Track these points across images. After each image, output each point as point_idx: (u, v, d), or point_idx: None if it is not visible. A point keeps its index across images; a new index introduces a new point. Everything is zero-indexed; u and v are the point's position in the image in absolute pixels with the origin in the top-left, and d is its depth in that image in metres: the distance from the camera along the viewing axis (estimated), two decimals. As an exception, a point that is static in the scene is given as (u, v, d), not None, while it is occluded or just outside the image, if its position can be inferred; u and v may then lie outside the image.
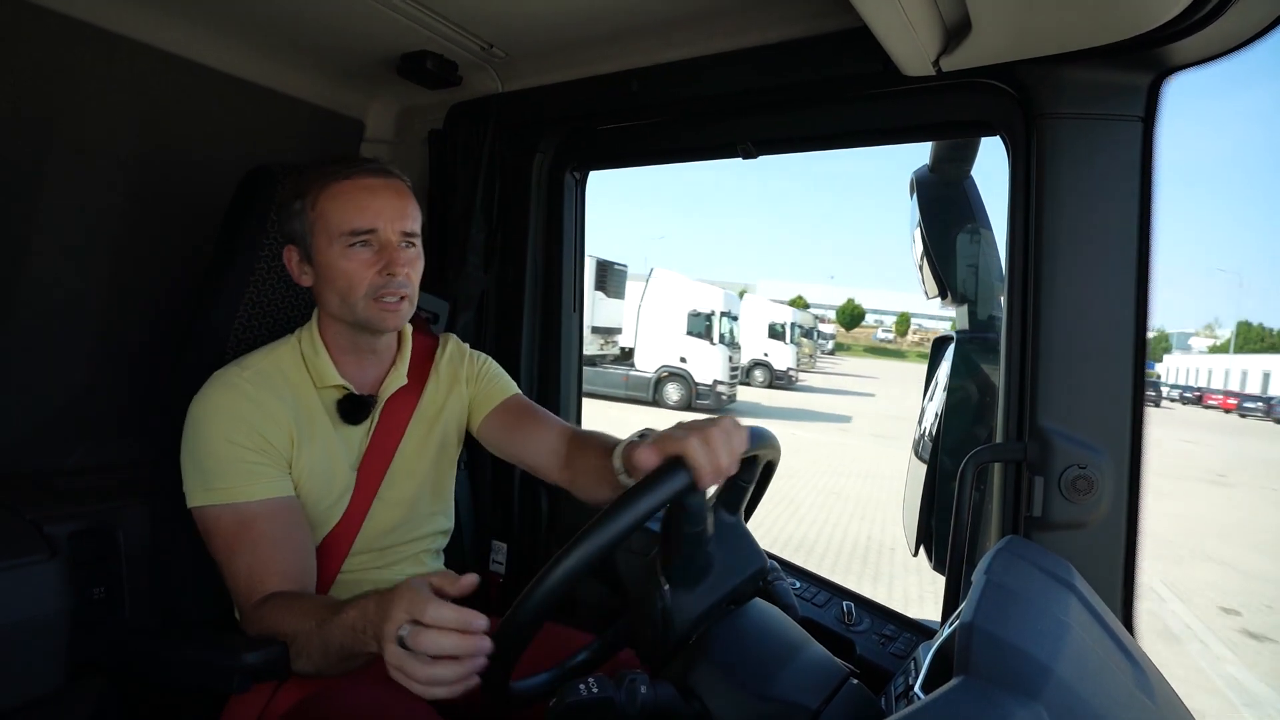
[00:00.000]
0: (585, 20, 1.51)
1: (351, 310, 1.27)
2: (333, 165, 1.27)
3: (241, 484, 1.21)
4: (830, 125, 1.56)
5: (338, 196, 1.24)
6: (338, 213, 1.23)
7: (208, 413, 1.23)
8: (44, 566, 1.22)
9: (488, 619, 0.89)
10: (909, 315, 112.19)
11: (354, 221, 1.23)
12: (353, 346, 1.35)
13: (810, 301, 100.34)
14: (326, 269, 1.26)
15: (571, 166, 1.98)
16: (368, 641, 0.98)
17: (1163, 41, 1.05)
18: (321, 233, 1.25)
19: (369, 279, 1.24)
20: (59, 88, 1.54)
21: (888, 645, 1.43)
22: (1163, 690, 0.85)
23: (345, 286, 1.25)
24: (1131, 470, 1.18)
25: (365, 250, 1.24)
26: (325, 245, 1.25)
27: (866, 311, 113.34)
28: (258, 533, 1.20)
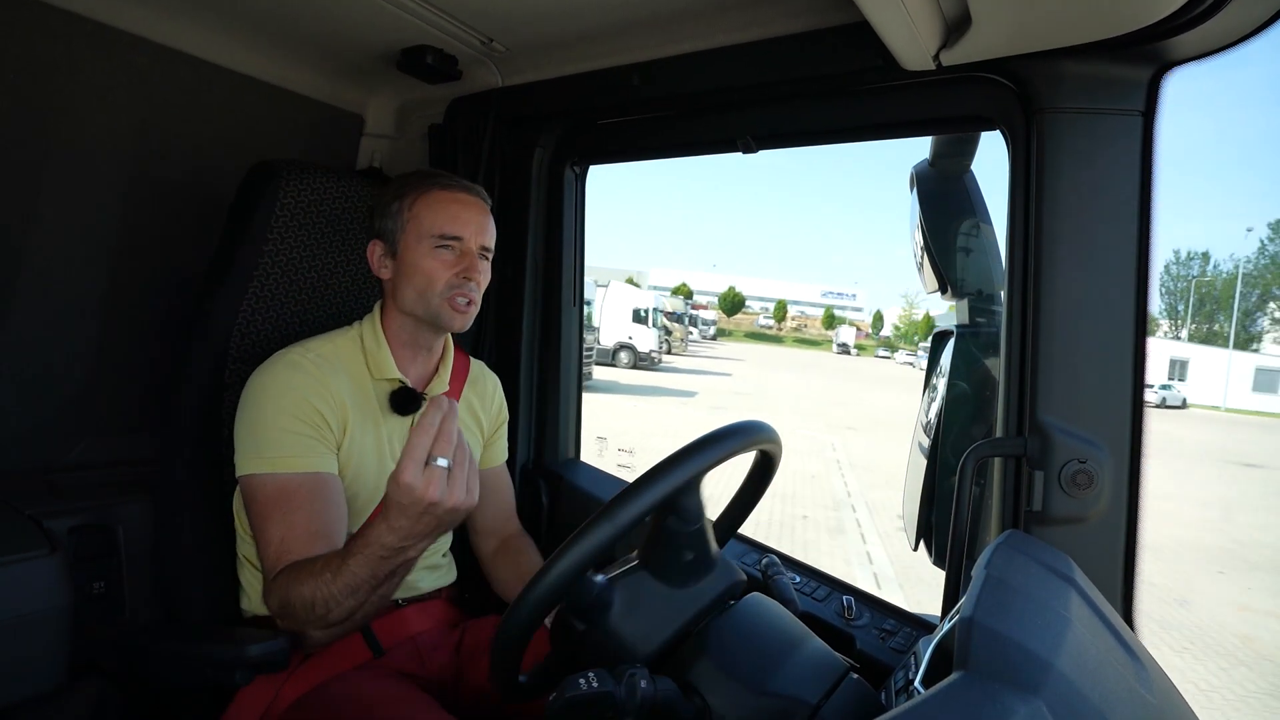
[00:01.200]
0: (586, 14, 1.50)
1: (425, 304, 1.38)
2: (433, 176, 1.43)
3: (290, 455, 1.27)
4: (830, 120, 1.56)
5: (434, 203, 1.39)
6: (431, 216, 1.38)
7: (268, 386, 1.29)
8: (44, 562, 1.22)
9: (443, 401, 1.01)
10: (785, 302, 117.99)
11: (444, 226, 1.37)
12: (413, 341, 1.45)
13: (695, 289, 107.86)
14: (410, 265, 1.38)
15: (572, 161, 1.98)
16: (395, 547, 1.07)
17: (1163, 36, 1.05)
18: (413, 232, 1.38)
19: (447, 278, 1.37)
20: (59, 83, 1.54)
21: (888, 640, 1.43)
22: (1162, 685, 0.85)
23: (424, 282, 1.37)
24: (1132, 465, 1.18)
25: (448, 254, 1.38)
26: (414, 243, 1.38)
27: (747, 298, 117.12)
28: (296, 503, 1.25)
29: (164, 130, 1.74)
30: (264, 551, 1.24)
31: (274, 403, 1.28)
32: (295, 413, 1.28)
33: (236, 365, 1.45)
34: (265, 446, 1.26)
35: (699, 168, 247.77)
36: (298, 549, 1.21)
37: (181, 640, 1.28)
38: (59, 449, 1.68)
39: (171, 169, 1.78)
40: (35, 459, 1.63)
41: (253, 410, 1.29)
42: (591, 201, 2.13)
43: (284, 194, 1.51)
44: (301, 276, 1.56)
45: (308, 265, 1.57)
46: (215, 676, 1.18)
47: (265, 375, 1.31)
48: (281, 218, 1.51)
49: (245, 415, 1.29)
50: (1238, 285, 66.11)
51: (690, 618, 1.00)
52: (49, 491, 1.52)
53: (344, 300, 1.65)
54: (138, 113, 1.68)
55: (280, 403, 1.28)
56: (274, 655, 1.20)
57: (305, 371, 1.31)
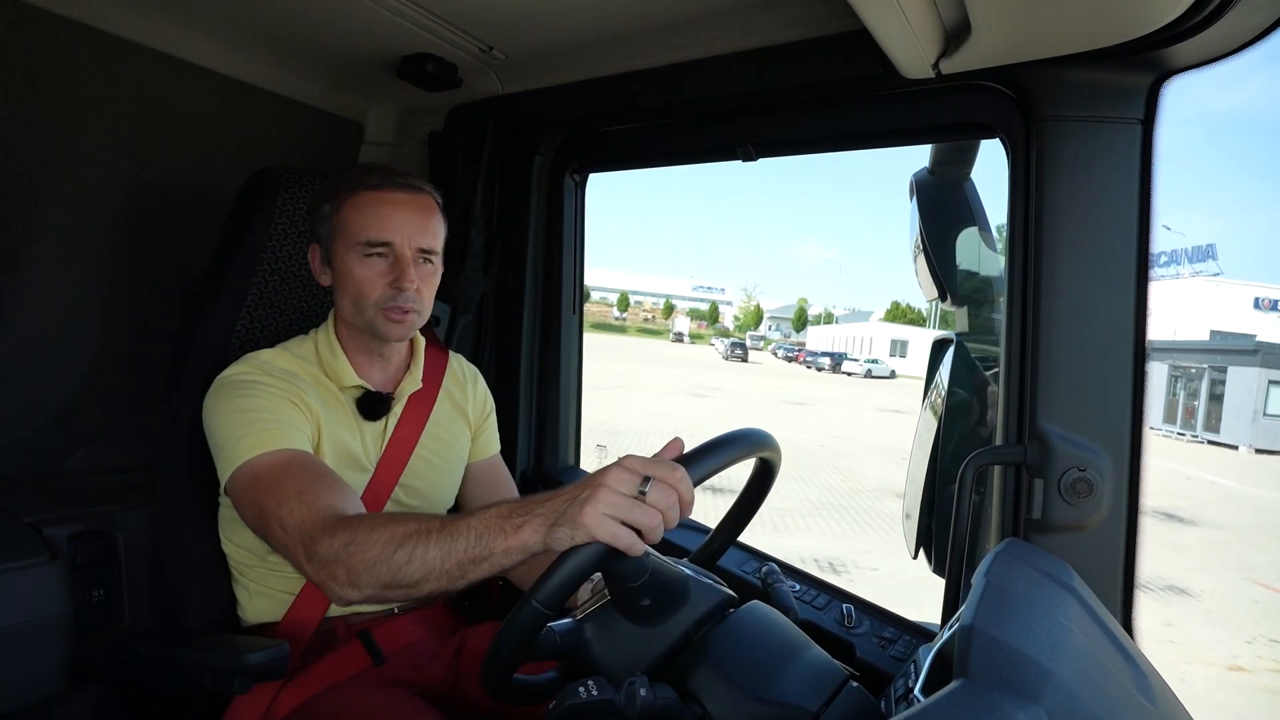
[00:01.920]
0: (585, 22, 1.51)
1: (361, 316, 1.30)
2: (364, 174, 1.30)
3: (277, 435, 1.18)
4: (830, 128, 1.56)
5: (361, 206, 1.27)
6: (358, 222, 1.27)
7: (235, 383, 1.24)
8: (44, 569, 1.22)
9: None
10: (627, 294, 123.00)
11: (371, 232, 1.26)
12: (366, 348, 1.38)
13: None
14: (343, 274, 1.29)
15: (571, 169, 1.98)
16: (525, 529, 0.92)
17: (1162, 44, 1.05)
18: (341, 238, 1.28)
19: (380, 289, 1.27)
20: (60, 90, 1.54)
21: (887, 648, 1.43)
22: (1162, 693, 0.85)
23: (357, 293, 1.28)
24: (1131, 473, 1.18)
25: (380, 261, 1.28)
26: (344, 251, 1.28)
27: (592, 290, 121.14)
28: (298, 467, 1.16)
29: (164, 137, 1.74)
30: (286, 518, 1.09)
31: (243, 396, 1.21)
32: (268, 401, 1.22)
33: None
34: (245, 433, 1.17)
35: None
36: (322, 499, 1.10)
37: (181, 647, 1.28)
38: (58, 456, 1.67)
39: (172, 176, 1.78)
40: (35, 466, 1.63)
41: (221, 408, 1.21)
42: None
43: (283, 201, 1.51)
44: (300, 284, 1.56)
45: (306, 272, 1.57)
46: (214, 684, 1.18)
47: (228, 377, 1.25)
48: (280, 225, 1.51)
49: (216, 416, 1.21)
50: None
51: (673, 642, 0.99)
52: (48, 498, 1.52)
53: None
54: (138, 120, 1.68)
55: (250, 395, 1.21)
56: (273, 663, 1.19)
57: (269, 370, 1.27)
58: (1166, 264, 39.64)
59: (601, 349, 50.93)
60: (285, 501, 1.09)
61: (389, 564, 0.97)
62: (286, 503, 1.09)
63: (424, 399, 1.47)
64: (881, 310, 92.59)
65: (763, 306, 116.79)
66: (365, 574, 0.99)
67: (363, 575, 0.99)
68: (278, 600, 1.34)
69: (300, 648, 1.30)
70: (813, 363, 56.39)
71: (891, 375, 51.64)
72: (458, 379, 1.59)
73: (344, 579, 1.00)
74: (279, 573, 1.33)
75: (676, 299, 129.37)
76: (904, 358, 59.74)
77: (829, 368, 53.43)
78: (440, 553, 0.95)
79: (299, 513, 1.08)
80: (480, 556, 0.94)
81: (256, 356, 1.30)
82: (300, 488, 1.11)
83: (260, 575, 1.34)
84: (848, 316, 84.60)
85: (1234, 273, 35.93)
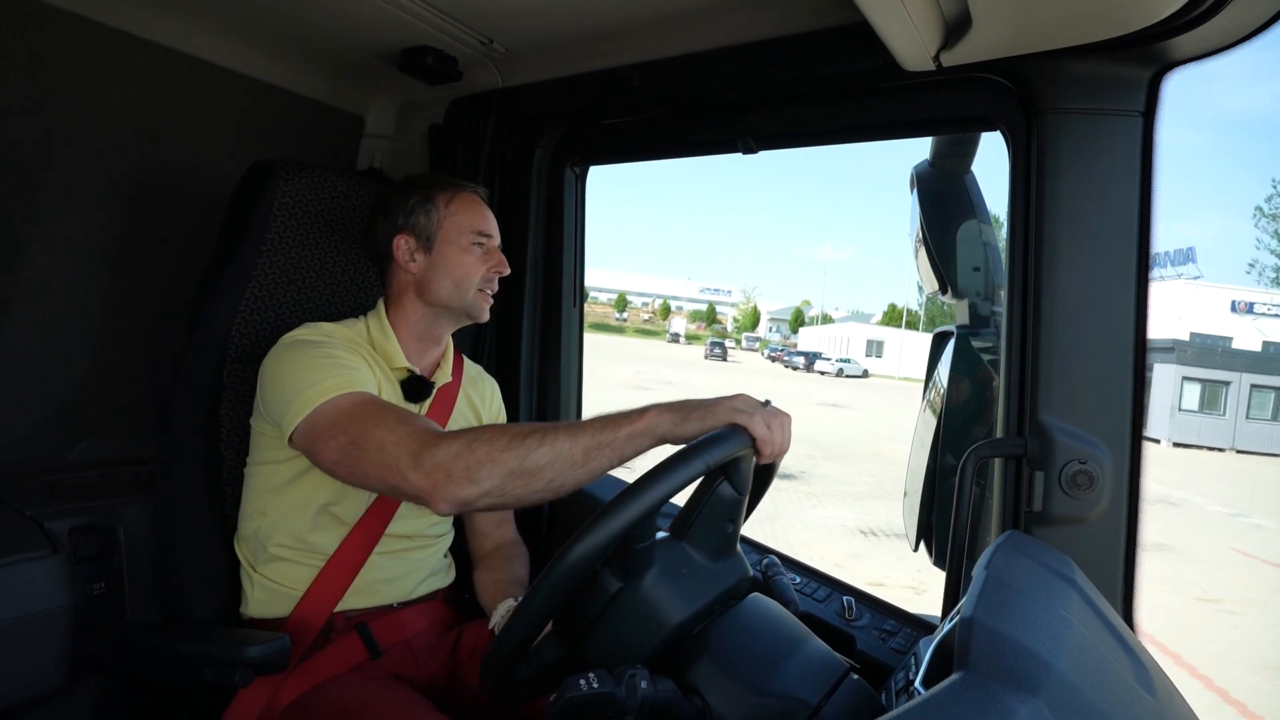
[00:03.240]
0: (586, 15, 1.50)
1: (462, 296, 1.46)
2: (456, 179, 1.54)
3: (361, 379, 1.27)
4: (830, 120, 1.56)
5: (469, 203, 1.48)
6: (468, 216, 1.47)
7: (306, 342, 1.32)
8: (45, 562, 1.22)
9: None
10: (625, 295, 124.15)
11: (480, 225, 1.48)
12: (426, 333, 1.51)
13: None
14: (449, 259, 1.45)
15: (572, 162, 1.98)
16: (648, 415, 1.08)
17: (1163, 36, 1.05)
18: (452, 228, 1.46)
19: (482, 273, 1.47)
20: (59, 83, 1.54)
21: (888, 640, 1.43)
22: (1163, 685, 0.85)
23: (462, 275, 1.45)
24: (1132, 465, 1.18)
25: (480, 250, 1.48)
26: (454, 238, 1.45)
27: (593, 291, 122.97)
28: (384, 404, 1.24)
29: (164, 131, 1.74)
30: (390, 438, 1.13)
31: (310, 352, 1.27)
32: (336, 355, 1.29)
33: (235, 365, 1.45)
34: (318, 378, 1.23)
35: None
36: (420, 422, 1.17)
37: (182, 640, 1.28)
38: (59, 449, 1.67)
39: (172, 169, 1.78)
40: (36, 459, 1.62)
41: (286, 364, 1.27)
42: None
43: (283, 193, 1.51)
44: (300, 276, 1.56)
45: (306, 265, 1.57)
46: (215, 677, 1.18)
47: (291, 340, 1.32)
48: (280, 217, 1.51)
49: (278, 372, 1.27)
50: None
51: (712, 599, 1.00)
52: (49, 492, 1.52)
53: (343, 299, 1.65)
54: (138, 113, 1.68)
55: (317, 351, 1.28)
56: (273, 656, 1.20)
57: (331, 335, 1.35)
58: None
59: (591, 349, 53.20)
60: (386, 423, 1.16)
61: (516, 451, 1.07)
62: (387, 424, 1.16)
63: (449, 392, 1.55)
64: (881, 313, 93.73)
65: (765, 308, 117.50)
66: (488, 466, 1.07)
67: (485, 468, 1.07)
68: (285, 596, 1.35)
69: (305, 643, 1.31)
70: (788, 362, 57.42)
71: (864, 374, 52.36)
72: (477, 386, 1.66)
73: (462, 475, 1.07)
74: (291, 563, 1.35)
75: (684, 301, 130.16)
76: (879, 358, 61.15)
77: (803, 367, 54.29)
78: (568, 438, 1.07)
79: (401, 430, 1.14)
80: (605, 442, 1.07)
81: (319, 326, 1.38)
82: (398, 415, 1.18)
83: (271, 570, 1.35)
84: (850, 318, 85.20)
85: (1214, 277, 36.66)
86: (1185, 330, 32.89)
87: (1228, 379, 23.02)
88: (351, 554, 1.37)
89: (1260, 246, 40.79)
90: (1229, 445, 22.81)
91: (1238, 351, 26.21)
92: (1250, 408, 22.99)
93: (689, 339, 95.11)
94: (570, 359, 2.07)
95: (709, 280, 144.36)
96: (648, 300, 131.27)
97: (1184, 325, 33.36)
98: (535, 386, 2.05)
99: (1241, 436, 22.85)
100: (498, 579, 1.54)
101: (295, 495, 1.35)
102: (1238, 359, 24.51)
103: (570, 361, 2.07)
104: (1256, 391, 22.95)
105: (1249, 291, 37.57)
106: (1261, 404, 23.07)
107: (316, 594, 1.34)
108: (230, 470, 1.44)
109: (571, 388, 2.08)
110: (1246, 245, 53.13)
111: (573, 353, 2.08)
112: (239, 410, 1.44)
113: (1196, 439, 22.89)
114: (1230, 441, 22.84)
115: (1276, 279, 30.41)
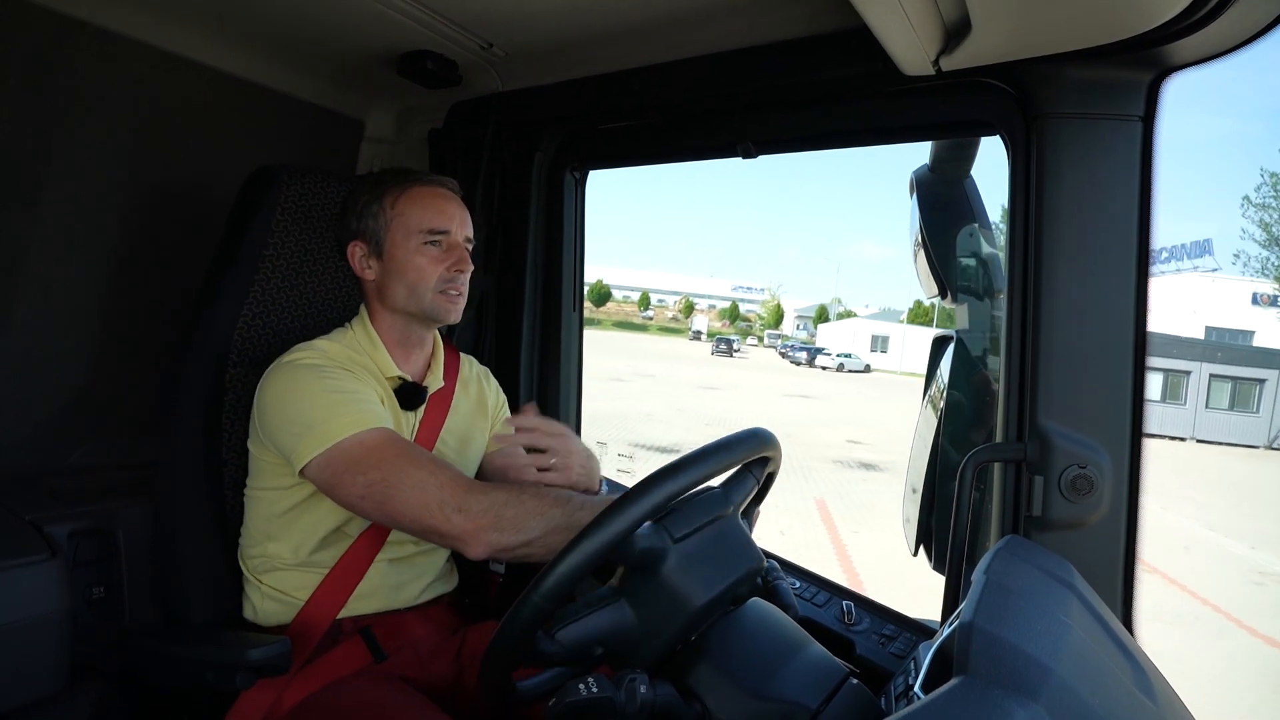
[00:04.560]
0: (586, 20, 1.50)
1: (419, 301, 1.39)
2: (410, 172, 1.43)
3: (375, 414, 1.26)
4: (830, 125, 1.56)
5: (418, 199, 1.39)
6: (417, 213, 1.38)
7: (308, 366, 1.29)
8: (44, 566, 1.22)
9: None
10: (648, 294, 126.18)
11: (432, 222, 1.38)
12: (404, 339, 1.46)
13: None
14: (400, 262, 1.38)
15: (572, 166, 1.98)
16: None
17: (1162, 41, 1.05)
18: (399, 229, 1.38)
19: (438, 273, 1.39)
20: (60, 88, 1.54)
21: (887, 645, 1.43)
22: (1163, 690, 0.85)
23: (416, 279, 1.38)
24: (1131, 470, 1.18)
25: (435, 249, 1.39)
26: (402, 240, 1.38)
27: (614, 289, 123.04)
28: (407, 444, 1.26)
29: (165, 135, 1.74)
30: (429, 481, 1.19)
31: (314, 384, 1.26)
32: (342, 386, 1.27)
33: (236, 369, 1.45)
34: (335, 415, 1.22)
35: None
36: (451, 469, 1.22)
37: (182, 644, 1.28)
38: (59, 453, 1.67)
39: (172, 174, 1.78)
40: (35, 463, 1.62)
41: (290, 401, 1.26)
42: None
43: (284, 198, 1.51)
44: (302, 281, 1.56)
45: (308, 270, 1.57)
46: (216, 680, 1.18)
47: (286, 369, 1.29)
48: (282, 222, 1.51)
49: (283, 410, 1.26)
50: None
51: (724, 588, 0.99)
52: (49, 496, 1.52)
53: (344, 304, 1.65)
54: (139, 118, 1.68)
55: (321, 383, 1.26)
56: (275, 659, 1.19)
57: (328, 357, 1.33)
58: (1167, 259, 39.50)
59: (595, 345, 52.76)
60: (422, 464, 1.21)
61: (563, 509, 1.18)
62: (424, 465, 1.21)
63: (443, 396, 1.53)
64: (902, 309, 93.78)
65: (792, 305, 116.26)
66: (536, 518, 1.17)
67: (532, 520, 1.17)
68: (288, 603, 1.35)
69: (307, 648, 1.31)
70: (792, 357, 57.51)
71: (866, 369, 52.37)
72: (473, 376, 1.64)
73: (509, 524, 1.16)
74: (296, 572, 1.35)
75: (715, 299, 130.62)
76: (884, 353, 60.94)
77: (805, 362, 54.10)
78: (562, 511, 1.18)
79: (443, 475, 1.20)
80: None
81: (313, 345, 1.36)
82: (428, 457, 1.24)
83: (275, 579, 1.35)
84: (880, 315, 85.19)
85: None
86: (1200, 325, 32.26)
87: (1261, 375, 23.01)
88: (356, 562, 1.37)
89: (1245, 236, 40.19)
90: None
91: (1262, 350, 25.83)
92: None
93: (710, 335, 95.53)
94: (570, 362, 2.07)
95: (742, 279, 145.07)
96: (676, 298, 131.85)
97: (1199, 320, 32.56)
98: (535, 390, 2.05)
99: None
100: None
101: (304, 520, 1.34)
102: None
103: (570, 364, 2.07)
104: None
105: (1270, 284, 36.14)
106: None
107: (320, 601, 1.34)
108: (231, 475, 1.44)
109: (571, 390, 2.08)
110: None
111: (573, 355, 2.08)
112: (240, 415, 1.44)
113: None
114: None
115: (1263, 270, 29.81)
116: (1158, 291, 1.23)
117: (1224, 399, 23.39)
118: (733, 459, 1.00)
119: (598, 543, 0.88)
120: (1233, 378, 23.37)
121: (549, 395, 2.05)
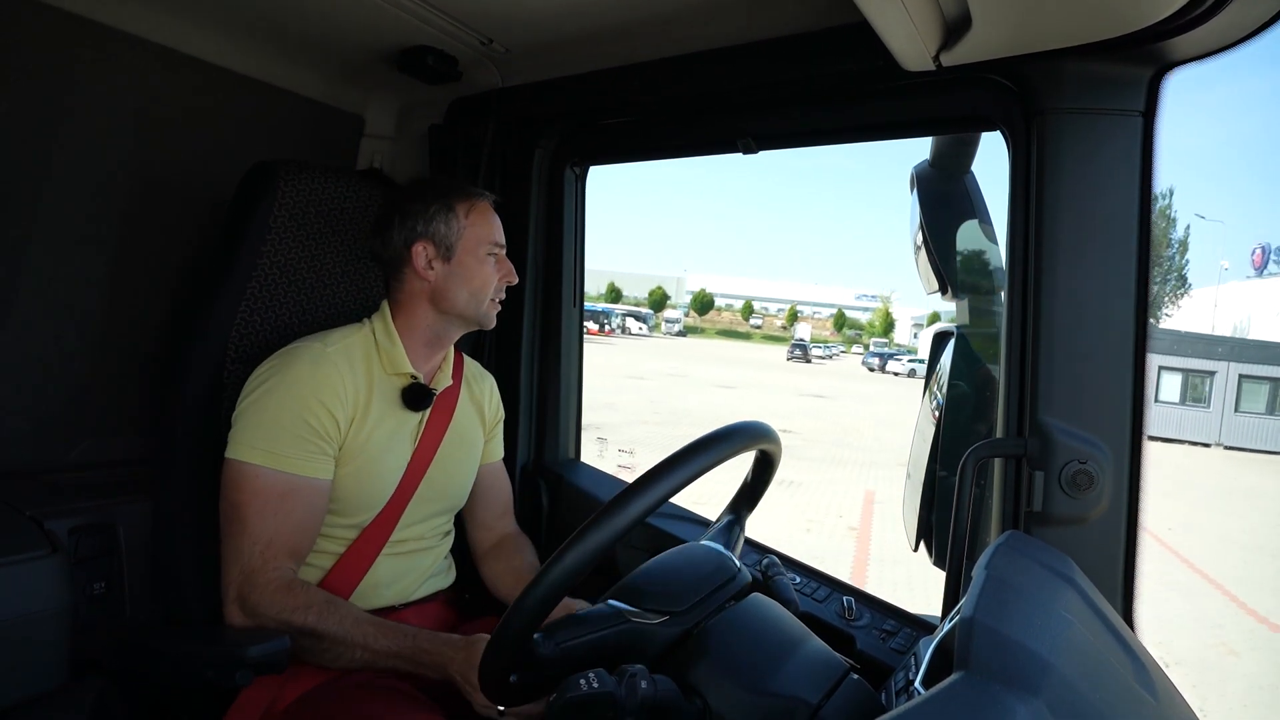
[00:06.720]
0: (586, 15, 1.50)
1: (477, 305, 1.48)
2: (471, 187, 1.52)
3: (301, 457, 1.31)
4: (831, 120, 1.56)
5: (486, 214, 1.50)
6: (486, 227, 1.48)
7: (286, 376, 1.32)
8: (45, 562, 1.22)
9: None
10: (750, 302, 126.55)
11: (495, 235, 1.50)
12: (435, 339, 1.51)
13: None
14: (468, 269, 1.46)
15: (572, 162, 1.98)
16: (432, 670, 1.25)
17: (1163, 36, 1.05)
18: (473, 238, 1.46)
19: (495, 282, 1.49)
20: (59, 84, 1.54)
21: (888, 640, 1.43)
22: (1163, 685, 0.85)
23: (480, 285, 1.47)
24: (1132, 465, 1.18)
25: (492, 260, 1.49)
26: (473, 248, 1.46)
27: (716, 297, 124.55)
28: (295, 505, 1.30)
29: (164, 131, 1.74)
30: (242, 542, 1.27)
31: (290, 395, 1.30)
32: (306, 414, 1.30)
33: (235, 365, 1.45)
34: (274, 440, 1.29)
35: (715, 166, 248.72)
36: (283, 550, 1.28)
37: (182, 641, 1.28)
38: (59, 449, 1.67)
39: (171, 170, 1.78)
40: (35, 459, 1.62)
41: (264, 397, 1.31)
42: (633, 202, 2.18)
43: (283, 194, 1.51)
44: (300, 277, 1.56)
45: (307, 265, 1.57)
46: (216, 677, 1.18)
47: (285, 363, 1.33)
48: (280, 218, 1.51)
49: (256, 401, 1.31)
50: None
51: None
52: (49, 492, 1.52)
53: (344, 300, 1.65)
54: (137, 114, 1.68)
55: (294, 398, 1.30)
56: (274, 656, 1.19)
57: (326, 367, 1.34)
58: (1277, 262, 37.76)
59: (669, 351, 53.17)
60: (255, 531, 1.27)
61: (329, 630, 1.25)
62: (258, 537, 1.27)
63: (450, 396, 1.55)
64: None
65: (910, 313, 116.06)
66: (293, 628, 1.23)
67: (292, 627, 1.23)
68: None
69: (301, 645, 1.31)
70: (867, 363, 58.63)
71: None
72: (477, 383, 1.67)
73: (269, 621, 1.25)
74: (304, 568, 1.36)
75: (830, 307, 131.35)
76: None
77: (878, 368, 54.90)
78: (379, 638, 1.26)
79: (259, 545, 1.27)
80: (400, 653, 1.26)
81: (327, 339, 1.40)
82: (276, 527, 1.28)
83: None
84: None
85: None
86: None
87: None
88: (356, 559, 1.38)
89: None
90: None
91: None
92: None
93: (813, 343, 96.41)
94: (570, 359, 2.07)
95: (865, 287, 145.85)
96: (783, 307, 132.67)
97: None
98: (535, 386, 2.05)
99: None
100: (514, 566, 1.60)
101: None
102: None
103: (570, 361, 2.07)
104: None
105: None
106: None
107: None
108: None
109: (571, 388, 2.08)
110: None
111: (573, 353, 2.08)
112: None
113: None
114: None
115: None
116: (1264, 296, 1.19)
117: (1259, 402, 21.59)
118: (721, 455, 0.99)
119: (597, 542, 0.88)
120: (1270, 379, 21.50)
121: (549, 391, 2.05)
